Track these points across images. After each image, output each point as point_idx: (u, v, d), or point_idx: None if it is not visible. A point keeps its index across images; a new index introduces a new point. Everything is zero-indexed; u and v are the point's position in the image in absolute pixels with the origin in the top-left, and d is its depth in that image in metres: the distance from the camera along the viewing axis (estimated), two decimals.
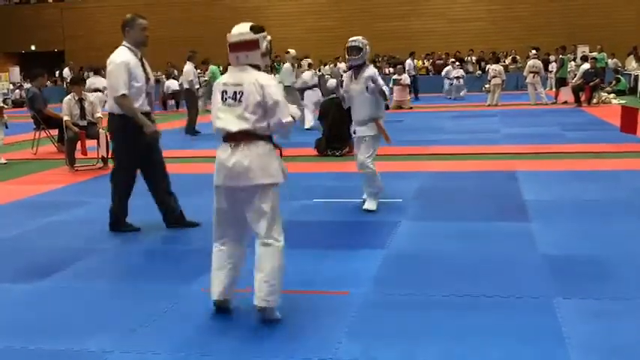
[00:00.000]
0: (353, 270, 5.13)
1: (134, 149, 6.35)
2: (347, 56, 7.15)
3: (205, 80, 23.50)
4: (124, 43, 6.37)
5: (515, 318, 4.08)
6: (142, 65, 6.39)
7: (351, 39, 7.15)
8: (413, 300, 4.46)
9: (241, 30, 4.13)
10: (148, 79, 6.42)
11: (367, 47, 7.09)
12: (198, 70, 25.54)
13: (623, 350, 3.59)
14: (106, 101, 18.72)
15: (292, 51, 16.45)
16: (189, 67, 15.81)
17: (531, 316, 4.11)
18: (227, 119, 4.15)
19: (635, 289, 4.50)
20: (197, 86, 16.01)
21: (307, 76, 16.32)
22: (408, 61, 25.38)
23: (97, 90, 17.94)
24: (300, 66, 16.61)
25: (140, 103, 6.32)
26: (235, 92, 4.11)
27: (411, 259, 5.41)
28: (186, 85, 15.82)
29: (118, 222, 6.56)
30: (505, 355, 3.59)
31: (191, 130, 15.47)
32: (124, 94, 6.15)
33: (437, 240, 5.94)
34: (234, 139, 4.15)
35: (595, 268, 4.97)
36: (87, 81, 18.83)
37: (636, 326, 3.90)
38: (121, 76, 6.14)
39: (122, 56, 6.24)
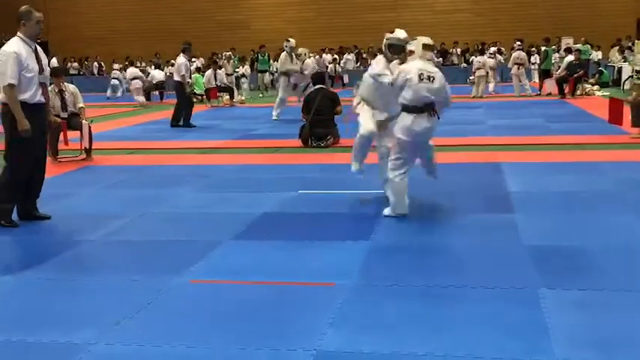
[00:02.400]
0: (338, 261, 5.13)
1: (27, 140, 6.34)
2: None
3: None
4: (18, 34, 6.41)
5: (500, 309, 4.10)
6: (36, 56, 6.44)
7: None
8: (398, 291, 4.47)
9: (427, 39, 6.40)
10: (41, 70, 6.47)
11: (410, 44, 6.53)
12: (194, 62, 25.46)
13: (607, 341, 3.62)
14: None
15: (292, 40, 16.65)
16: (181, 60, 15.73)
17: (516, 306, 4.13)
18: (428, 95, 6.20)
19: (619, 280, 4.54)
20: (189, 80, 16.03)
21: (312, 63, 17.76)
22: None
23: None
24: (297, 55, 16.75)
25: (32, 94, 6.37)
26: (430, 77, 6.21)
27: (396, 250, 5.43)
28: (177, 78, 15.74)
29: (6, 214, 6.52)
30: (490, 345, 3.60)
31: (185, 122, 15.35)
32: (11, 84, 6.21)
33: (421, 232, 5.96)
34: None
35: (579, 260, 5.01)
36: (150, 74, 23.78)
37: (619, 317, 3.93)
38: (10, 66, 6.20)
39: (13, 46, 6.31)
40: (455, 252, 5.31)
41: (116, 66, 27.80)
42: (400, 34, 6.70)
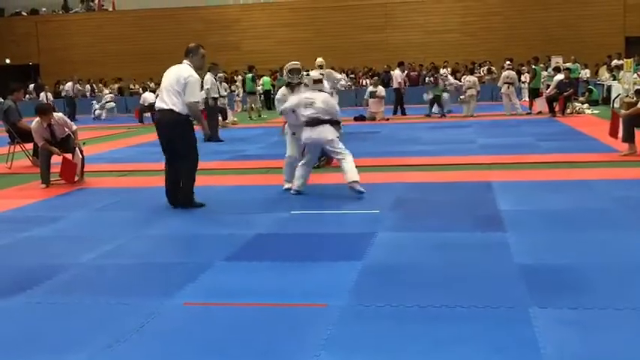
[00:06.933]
0: (330, 282, 5.13)
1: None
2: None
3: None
4: (188, 63, 8.06)
5: (492, 328, 4.10)
6: None
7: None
8: (390, 311, 4.47)
9: (316, 74, 9.31)
10: None
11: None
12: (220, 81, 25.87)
13: (598, 359, 3.63)
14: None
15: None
16: (207, 77, 17.08)
17: (507, 326, 4.14)
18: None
19: (610, 299, 4.55)
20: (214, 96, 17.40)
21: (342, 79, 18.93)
22: (397, 72, 23.60)
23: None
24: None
25: None
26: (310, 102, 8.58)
27: (388, 270, 5.43)
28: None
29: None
30: None
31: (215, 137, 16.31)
32: (198, 102, 8.08)
33: (413, 251, 5.96)
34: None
35: (570, 278, 5.02)
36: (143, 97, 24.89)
37: (611, 336, 3.94)
38: (198, 87, 8.05)
39: (194, 73, 7.97)
40: (446, 271, 5.31)
41: (111, 88, 28.17)
42: (294, 63, 9.53)
